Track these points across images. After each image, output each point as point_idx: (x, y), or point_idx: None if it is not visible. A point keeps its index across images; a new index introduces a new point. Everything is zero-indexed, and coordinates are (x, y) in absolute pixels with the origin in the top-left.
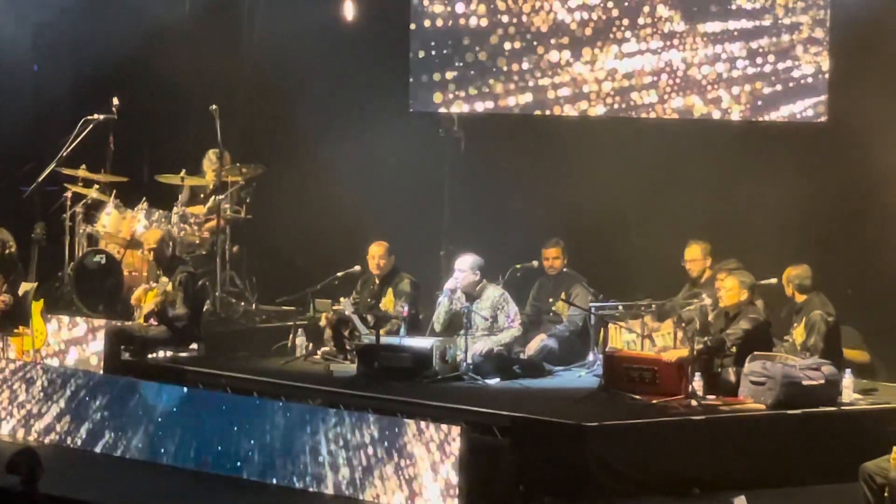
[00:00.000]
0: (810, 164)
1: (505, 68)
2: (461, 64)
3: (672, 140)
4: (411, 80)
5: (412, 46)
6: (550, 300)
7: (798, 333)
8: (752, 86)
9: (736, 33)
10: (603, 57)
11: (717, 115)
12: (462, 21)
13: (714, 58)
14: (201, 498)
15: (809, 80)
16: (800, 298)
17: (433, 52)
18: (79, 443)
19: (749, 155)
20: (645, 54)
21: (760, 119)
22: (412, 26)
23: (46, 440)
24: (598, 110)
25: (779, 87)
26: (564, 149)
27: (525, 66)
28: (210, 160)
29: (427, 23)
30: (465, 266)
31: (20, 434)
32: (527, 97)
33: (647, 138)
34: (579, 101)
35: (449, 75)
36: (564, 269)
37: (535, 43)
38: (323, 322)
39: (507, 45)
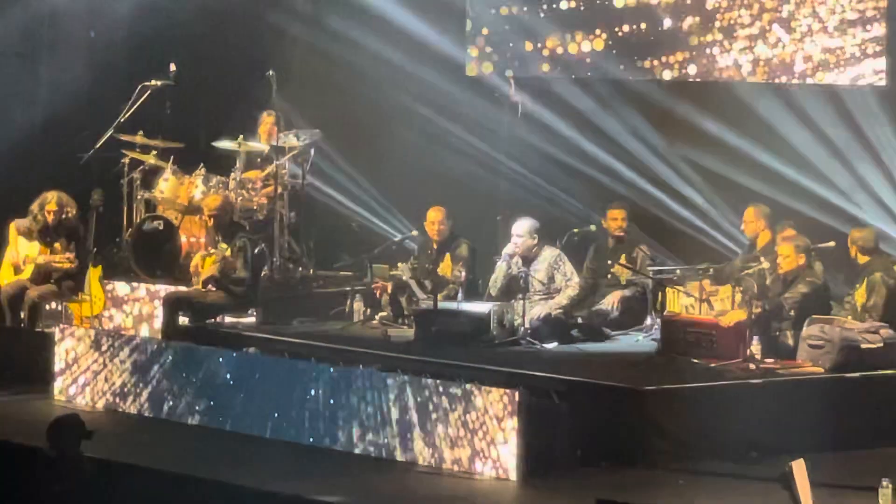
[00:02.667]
0: (869, 127)
1: (562, 31)
2: (517, 27)
3: (731, 103)
4: (468, 43)
5: (468, 8)
6: (609, 262)
7: (859, 295)
8: (812, 49)
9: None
10: (666, 16)
11: (775, 78)
12: None
13: (780, 20)
14: (256, 462)
15: (869, 44)
16: (862, 260)
17: (490, 14)
18: (137, 408)
19: (808, 119)
20: (696, 17)
21: (819, 83)
22: None
23: (104, 405)
24: (663, 73)
25: (839, 52)
26: (622, 112)
27: (582, 27)
28: (265, 122)
29: None
30: (523, 230)
31: (79, 399)
32: (584, 59)
33: (706, 100)
34: (642, 61)
35: (505, 38)
36: (626, 232)
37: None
38: (379, 291)
39: (563, 6)
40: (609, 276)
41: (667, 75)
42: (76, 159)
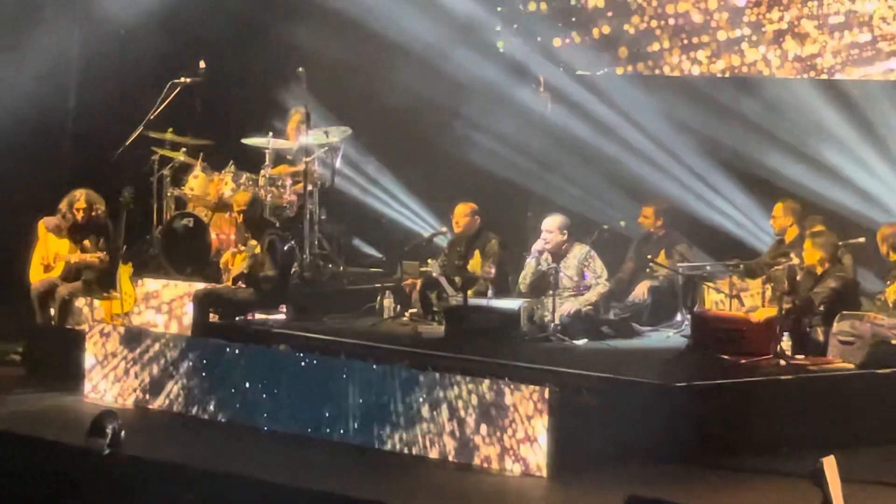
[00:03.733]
0: None
1: (590, 25)
2: (546, 21)
3: (762, 98)
4: (497, 38)
5: (498, 4)
6: (649, 257)
7: (892, 292)
8: (841, 44)
9: None
10: (695, 12)
11: (804, 73)
12: None
13: (809, 15)
14: (286, 459)
15: None
16: (894, 257)
17: (519, 9)
18: (167, 405)
19: (839, 112)
20: (724, 13)
21: (849, 77)
22: None
23: (134, 402)
24: (691, 69)
25: (868, 46)
26: (654, 108)
27: (609, 22)
28: (294, 119)
29: None
30: (553, 227)
31: (108, 397)
32: (612, 54)
33: (736, 95)
34: (670, 56)
35: (534, 33)
36: (664, 229)
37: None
38: (409, 289)
39: (591, 4)
40: (648, 269)
41: (695, 70)
42: (106, 157)
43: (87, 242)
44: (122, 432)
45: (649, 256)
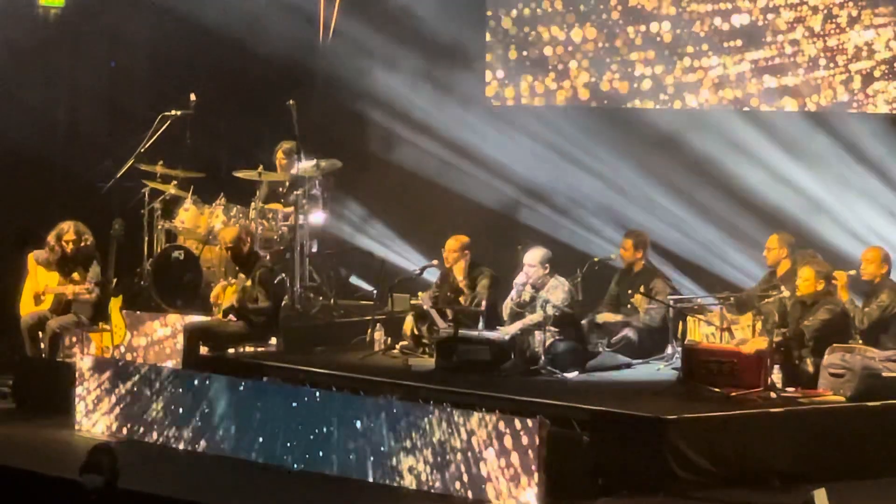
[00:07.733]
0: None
1: (581, 61)
2: (537, 56)
3: (750, 131)
4: (487, 73)
5: (488, 38)
6: (629, 292)
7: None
8: (842, 78)
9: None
10: (693, 48)
11: (804, 106)
12: (539, 12)
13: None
14: (279, 492)
15: None
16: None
17: (509, 44)
18: (158, 438)
19: (829, 145)
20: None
21: (837, 111)
22: (489, 13)
23: (125, 435)
24: (683, 102)
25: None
26: (644, 141)
27: (602, 58)
28: (284, 152)
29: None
30: (535, 261)
31: (98, 430)
32: (603, 89)
33: (732, 128)
34: (659, 94)
35: (525, 68)
36: (643, 262)
37: (611, 35)
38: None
39: (581, 35)
40: (629, 305)
41: (691, 102)
42: (97, 189)
43: (76, 275)
44: (117, 466)
45: (630, 291)
